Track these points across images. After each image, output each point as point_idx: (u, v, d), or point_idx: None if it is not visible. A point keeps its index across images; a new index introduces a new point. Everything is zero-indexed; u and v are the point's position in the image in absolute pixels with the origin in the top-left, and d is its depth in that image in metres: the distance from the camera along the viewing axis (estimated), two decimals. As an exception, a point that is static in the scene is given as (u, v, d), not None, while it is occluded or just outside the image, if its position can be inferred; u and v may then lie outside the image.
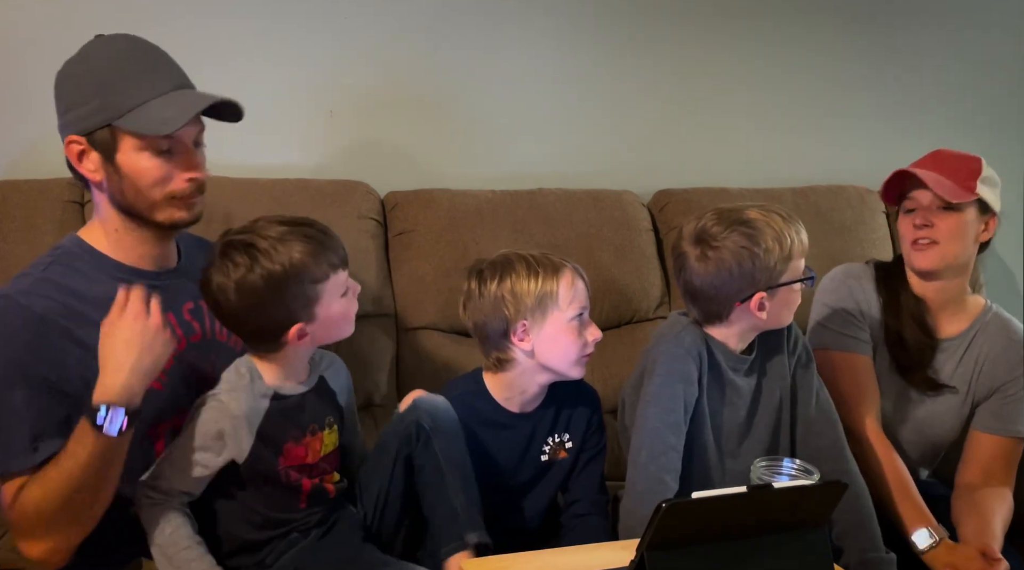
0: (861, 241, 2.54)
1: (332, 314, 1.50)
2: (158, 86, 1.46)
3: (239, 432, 1.47)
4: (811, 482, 1.37)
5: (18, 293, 1.43)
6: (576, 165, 2.58)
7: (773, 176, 2.63)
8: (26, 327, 1.41)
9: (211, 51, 2.20)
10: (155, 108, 1.43)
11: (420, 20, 2.41)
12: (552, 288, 1.67)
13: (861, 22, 2.80)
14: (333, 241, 1.51)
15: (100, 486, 1.39)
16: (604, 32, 2.58)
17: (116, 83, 1.44)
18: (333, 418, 1.59)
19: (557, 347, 1.69)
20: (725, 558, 1.22)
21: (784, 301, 1.70)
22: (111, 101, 1.43)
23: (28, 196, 2.03)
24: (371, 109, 2.40)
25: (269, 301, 1.45)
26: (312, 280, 1.47)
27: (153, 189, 1.47)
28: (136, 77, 1.46)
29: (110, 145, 1.45)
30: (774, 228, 1.66)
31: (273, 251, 1.45)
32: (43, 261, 1.50)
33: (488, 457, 1.75)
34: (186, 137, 1.48)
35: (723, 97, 2.71)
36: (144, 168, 1.45)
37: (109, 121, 1.43)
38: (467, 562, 1.44)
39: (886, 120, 2.85)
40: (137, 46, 1.50)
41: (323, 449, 1.57)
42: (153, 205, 1.48)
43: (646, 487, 1.62)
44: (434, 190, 2.32)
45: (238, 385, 1.50)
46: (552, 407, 1.78)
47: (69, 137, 1.46)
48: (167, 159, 1.46)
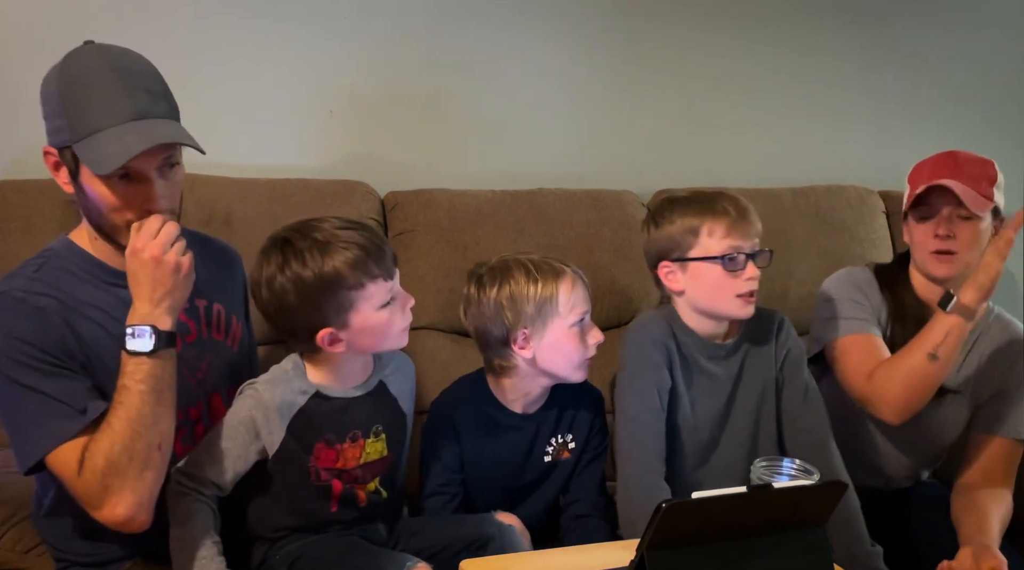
0: (861, 241, 2.54)
1: (370, 323, 1.48)
2: (115, 114, 1.37)
3: (271, 423, 1.48)
4: (811, 482, 1.37)
5: (12, 289, 1.42)
6: (576, 165, 2.58)
7: (773, 176, 2.63)
8: (28, 317, 1.40)
9: (211, 51, 2.20)
10: (104, 140, 1.36)
11: (420, 20, 2.41)
12: (552, 295, 1.66)
13: (861, 23, 2.80)
14: (379, 252, 1.48)
15: (159, 419, 1.39)
16: (604, 32, 2.58)
17: (77, 105, 1.38)
18: (384, 426, 1.57)
19: (558, 354, 1.68)
20: (725, 558, 1.22)
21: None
22: (72, 123, 1.38)
23: (28, 196, 2.03)
24: (371, 109, 2.40)
25: (296, 304, 1.45)
26: (346, 287, 1.44)
27: (112, 214, 1.43)
28: (95, 101, 1.38)
29: (71, 165, 1.42)
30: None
31: (309, 255, 1.44)
32: (34, 262, 1.49)
33: (492, 458, 1.75)
34: (144, 166, 1.40)
35: (723, 97, 2.71)
36: (101, 194, 1.41)
37: (69, 143, 1.39)
38: (467, 562, 1.44)
39: (886, 120, 2.85)
40: (109, 63, 1.41)
41: (364, 457, 1.55)
42: (115, 228, 1.45)
43: (636, 474, 1.66)
44: (434, 190, 2.32)
45: (278, 378, 1.51)
46: (555, 408, 1.78)
47: (45, 147, 1.44)
48: (124, 186, 1.40)
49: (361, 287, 1.45)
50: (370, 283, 1.46)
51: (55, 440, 1.38)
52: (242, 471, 1.50)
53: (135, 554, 1.54)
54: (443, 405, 1.78)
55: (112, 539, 1.52)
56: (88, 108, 1.38)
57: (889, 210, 2.61)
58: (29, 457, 1.40)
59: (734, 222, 1.69)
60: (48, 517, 1.57)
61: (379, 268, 1.47)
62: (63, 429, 1.38)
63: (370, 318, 1.47)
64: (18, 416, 1.40)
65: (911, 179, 1.94)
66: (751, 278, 1.69)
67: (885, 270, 2.01)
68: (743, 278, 1.69)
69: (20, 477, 1.79)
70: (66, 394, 1.39)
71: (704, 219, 1.71)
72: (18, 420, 1.40)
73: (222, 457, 1.48)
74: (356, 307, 1.46)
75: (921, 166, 1.93)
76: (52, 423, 1.38)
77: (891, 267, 2.03)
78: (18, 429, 1.41)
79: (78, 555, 1.56)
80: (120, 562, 1.54)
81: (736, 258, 1.68)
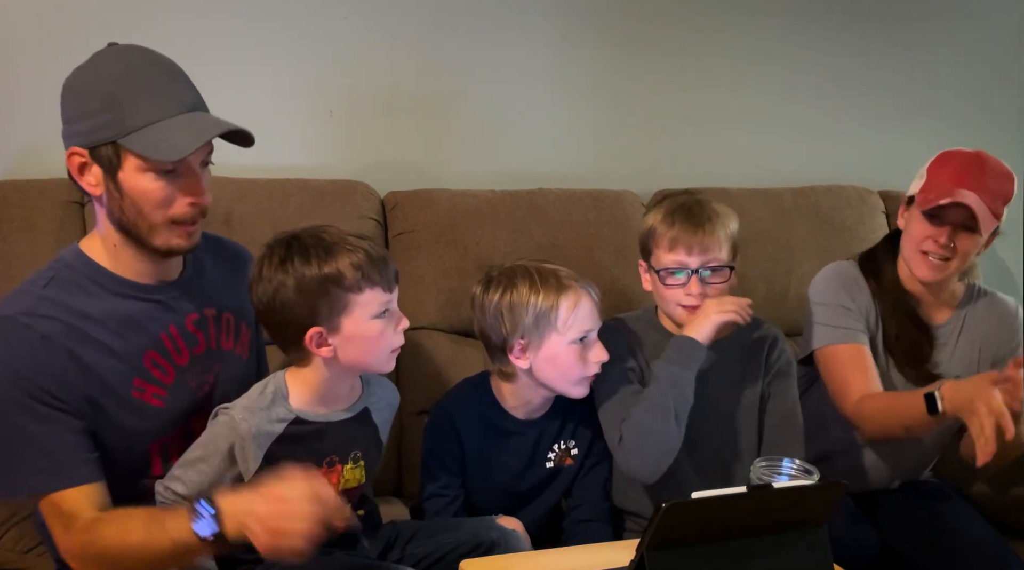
0: (861, 241, 2.53)
1: (361, 331, 1.45)
2: (170, 106, 1.38)
3: (247, 452, 1.45)
4: (811, 482, 1.37)
5: (19, 314, 1.39)
6: (576, 165, 2.58)
7: (773, 176, 2.63)
8: (31, 347, 1.37)
9: (211, 51, 2.20)
10: (165, 130, 1.37)
11: (420, 20, 2.41)
12: (552, 308, 1.64)
13: (861, 22, 2.80)
14: (383, 263, 1.47)
15: (164, 567, 1.37)
16: (604, 32, 2.58)
17: (126, 99, 1.37)
18: (362, 453, 1.55)
19: (555, 368, 1.67)
20: (725, 558, 1.22)
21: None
22: (119, 117, 1.36)
23: (28, 196, 2.03)
24: (371, 109, 2.40)
25: (292, 299, 1.43)
26: (344, 288, 1.43)
27: (154, 211, 1.41)
28: (147, 95, 1.38)
29: (113, 162, 1.38)
30: None
31: (314, 252, 1.43)
32: (44, 276, 1.45)
33: (493, 462, 1.75)
34: (192, 160, 1.41)
35: (723, 97, 2.71)
36: (146, 189, 1.39)
37: (115, 138, 1.37)
38: (467, 562, 1.44)
39: (886, 120, 2.84)
40: (151, 60, 1.42)
41: (341, 483, 1.53)
42: (152, 228, 1.42)
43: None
44: (434, 190, 2.32)
45: (256, 405, 1.47)
46: (559, 415, 1.77)
47: (72, 148, 1.40)
48: (171, 181, 1.40)
49: (359, 290, 1.44)
50: (368, 289, 1.44)
51: (28, 490, 1.39)
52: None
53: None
54: (445, 407, 1.78)
55: None
56: (141, 101, 1.37)
57: (889, 210, 2.61)
58: (3, 493, 1.42)
59: (676, 236, 1.71)
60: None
61: (380, 277, 1.45)
62: (38, 484, 1.38)
63: (362, 326, 1.45)
64: (2, 449, 1.38)
65: (932, 170, 1.90)
66: (691, 294, 1.71)
67: (871, 261, 2.00)
68: (684, 293, 1.72)
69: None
70: (53, 443, 1.37)
71: (659, 227, 1.74)
72: (2, 453, 1.39)
73: (199, 479, 1.45)
74: (350, 310, 1.44)
75: (947, 162, 1.89)
76: (29, 476, 1.38)
77: (877, 255, 2.00)
78: (1, 460, 1.40)
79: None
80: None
81: (675, 273, 1.71)
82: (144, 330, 1.47)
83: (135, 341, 1.46)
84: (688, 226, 1.70)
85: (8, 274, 1.97)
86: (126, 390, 1.45)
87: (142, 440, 1.46)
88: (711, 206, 1.74)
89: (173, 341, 1.50)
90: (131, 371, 1.45)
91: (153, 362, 1.48)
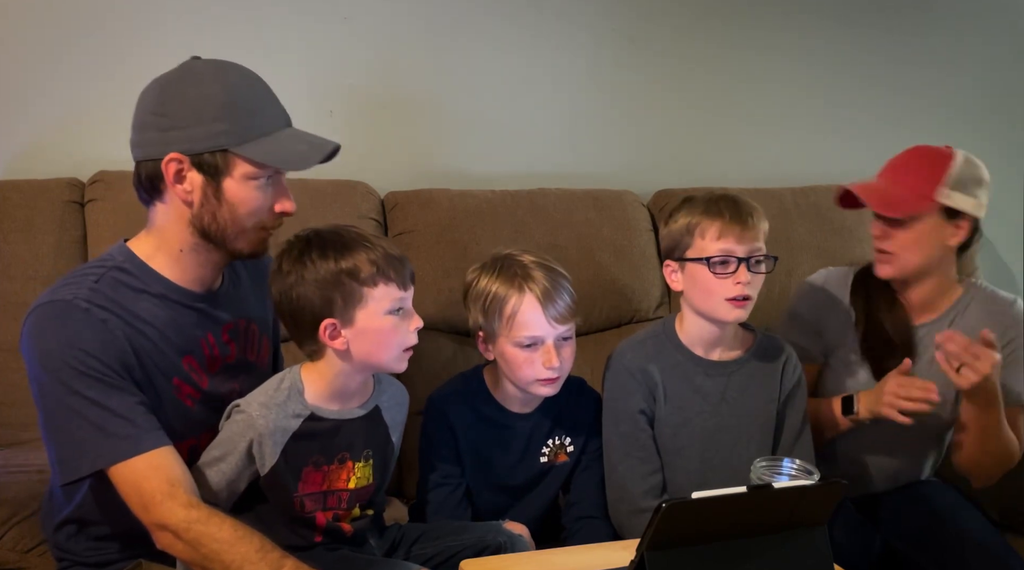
0: (861, 241, 2.54)
1: (374, 326, 1.47)
2: (278, 120, 1.48)
3: (264, 448, 1.47)
4: (811, 482, 1.37)
5: (75, 298, 1.40)
6: (576, 165, 2.58)
7: (773, 176, 2.63)
8: (92, 328, 1.39)
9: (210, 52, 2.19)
10: (280, 142, 1.45)
11: (420, 20, 2.41)
12: (503, 302, 1.68)
13: (861, 22, 2.80)
14: (400, 263, 1.49)
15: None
16: (604, 32, 2.58)
17: (243, 110, 1.43)
18: (373, 451, 1.57)
19: (506, 365, 1.69)
20: (725, 558, 1.22)
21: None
22: (237, 127, 1.42)
23: (28, 196, 2.03)
24: (371, 109, 2.40)
25: (309, 291, 1.44)
26: (359, 281, 1.45)
27: (249, 217, 1.46)
28: (261, 107, 1.46)
29: (220, 169, 1.43)
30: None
31: (332, 248, 1.46)
32: (94, 271, 1.45)
33: (486, 455, 1.75)
34: (284, 172, 1.50)
35: (723, 97, 2.71)
36: (249, 197, 1.45)
37: (229, 146, 1.42)
38: (467, 562, 1.44)
39: (886, 120, 2.84)
40: (254, 76, 1.49)
41: (351, 481, 1.55)
42: (241, 233, 1.47)
43: (615, 499, 1.74)
44: (434, 190, 2.32)
45: (272, 401, 1.49)
46: (554, 410, 1.77)
47: (171, 154, 1.41)
48: (268, 188, 1.47)
49: (373, 285, 1.45)
50: (383, 284, 1.46)
51: (111, 458, 1.38)
52: (237, 492, 1.50)
53: (138, 555, 1.54)
54: (437, 399, 1.78)
55: (117, 541, 1.53)
56: (258, 113, 1.45)
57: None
58: (77, 470, 1.39)
59: (726, 225, 1.68)
60: (61, 525, 1.56)
61: (396, 274, 1.47)
62: (120, 448, 1.37)
63: (375, 320, 1.47)
64: (74, 427, 1.38)
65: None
66: (740, 283, 1.67)
67: (864, 272, 1.99)
68: (732, 282, 1.67)
69: (20, 477, 1.80)
70: (128, 411, 1.39)
71: (700, 219, 1.70)
72: (73, 431, 1.38)
73: (217, 479, 1.47)
74: (364, 304, 1.46)
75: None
76: (110, 441, 1.37)
77: (869, 268, 1.99)
78: (70, 440, 1.39)
79: (80, 555, 1.55)
80: (123, 562, 1.54)
81: (727, 261, 1.67)
82: (186, 336, 1.50)
83: (177, 343, 1.49)
84: (736, 215, 1.68)
85: (8, 274, 1.98)
86: (167, 386, 1.47)
87: (175, 438, 1.46)
88: (748, 200, 1.74)
89: (210, 349, 1.53)
90: (172, 370, 1.48)
91: (190, 367, 1.51)
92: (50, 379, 1.37)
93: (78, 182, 2.10)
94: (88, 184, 2.09)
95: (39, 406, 1.41)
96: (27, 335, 1.40)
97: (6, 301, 1.94)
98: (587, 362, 2.04)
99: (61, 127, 2.14)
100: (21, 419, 1.90)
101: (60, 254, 2.01)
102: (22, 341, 1.41)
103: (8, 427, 1.93)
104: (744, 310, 1.69)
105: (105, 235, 1.99)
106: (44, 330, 1.39)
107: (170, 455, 1.40)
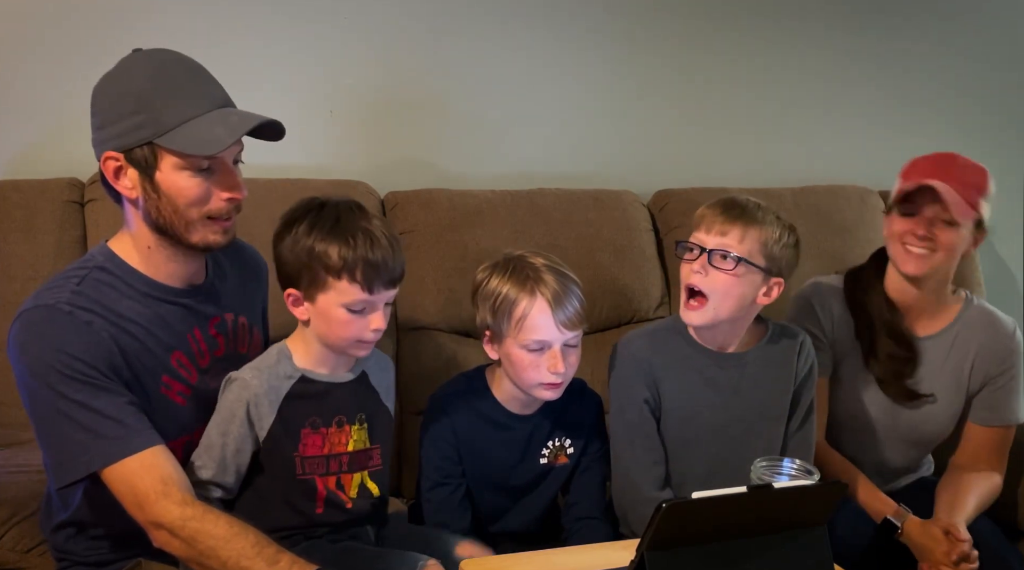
0: (861, 241, 2.54)
1: (329, 314, 1.50)
2: (201, 104, 1.41)
3: (261, 409, 1.50)
4: (811, 482, 1.37)
5: (58, 302, 1.40)
6: (576, 165, 2.58)
7: (773, 176, 2.63)
8: (77, 332, 1.39)
9: (210, 51, 2.19)
10: (200, 126, 1.39)
11: (420, 20, 2.41)
12: (513, 304, 1.65)
13: (861, 22, 2.80)
14: (375, 269, 1.48)
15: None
16: (604, 32, 2.58)
17: (159, 100, 1.39)
18: (367, 416, 1.60)
19: (511, 367, 1.69)
20: (725, 558, 1.22)
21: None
22: (153, 118, 1.38)
23: (28, 196, 2.04)
24: (371, 109, 2.40)
25: (287, 258, 1.50)
26: (324, 268, 1.47)
27: (191, 208, 1.43)
28: (179, 94, 1.41)
29: (150, 163, 1.40)
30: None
31: (319, 228, 1.48)
32: (76, 274, 1.45)
33: (486, 457, 1.75)
34: (227, 156, 1.44)
35: (723, 97, 2.71)
36: (183, 187, 1.41)
37: (151, 138, 1.39)
38: (467, 562, 1.44)
39: (886, 120, 2.85)
40: (178, 61, 1.44)
41: (350, 444, 1.57)
42: (189, 225, 1.44)
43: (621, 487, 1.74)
44: (434, 190, 2.32)
45: (263, 364, 1.54)
46: (554, 411, 1.77)
47: (106, 153, 1.41)
48: (206, 178, 1.42)
49: (338, 277, 1.48)
50: (347, 282, 1.48)
51: (103, 460, 1.38)
52: (243, 466, 1.52)
53: (137, 554, 1.54)
54: (438, 397, 1.78)
55: (116, 541, 1.53)
56: (175, 100, 1.40)
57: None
58: (70, 474, 1.39)
59: (701, 215, 1.72)
60: (59, 527, 1.56)
61: (363, 277, 1.48)
62: (112, 450, 1.37)
63: (332, 310, 1.50)
64: (65, 431, 1.38)
65: (903, 174, 1.91)
66: (695, 271, 1.68)
67: (856, 276, 1.99)
68: (690, 269, 1.70)
69: (20, 477, 1.80)
70: (117, 412, 1.38)
71: (700, 209, 1.75)
72: (65, 435, 1.38)
73: (221, 454, 1.49)
74: (326, 290, 1.49)
75: (916, 163, 1.91)
76: (101, 443, 1.37)
77: (864, 270, 2.00)
78: (62, 445, 1.39)
79: (80, 555, 1.56)
80: (122, 562, 1.54)
81: (691, 248, 1.70)
82: (173, 331, 1.50)
83: (164, 340, 1.49)
84: (719, 210, 1.70)
85: (8, 274, 1.98)
86: (156, 385, 1.47)
87: (166, 437, 1.46)
88: (763, 210, 1.72)
89: (197, 344, 1.54)
90: (161, 367, 1.48)
91: (179, 362, 1.51)
92: (39, 385, 1.38)
93: (78, 182, 2.11)
94: (88, 184, 2.10)
95: (30, 412, 1.41)
96: (13, 342, 1.40)
97: (6, 301, 1.94)
98: (587, 362, 2.02)
99: (61, 127, 2.14)
100: (21, 419, 1.87)
101: (60, 254, 2.01)
102: (9, 349, 1.41)
103: (8, 427, 1.93)
104: (692, 310, 1.70)
105: (105, 235, 1.96)
106: (29, 336, 1.39)
107: (162, 454, 1.40)
